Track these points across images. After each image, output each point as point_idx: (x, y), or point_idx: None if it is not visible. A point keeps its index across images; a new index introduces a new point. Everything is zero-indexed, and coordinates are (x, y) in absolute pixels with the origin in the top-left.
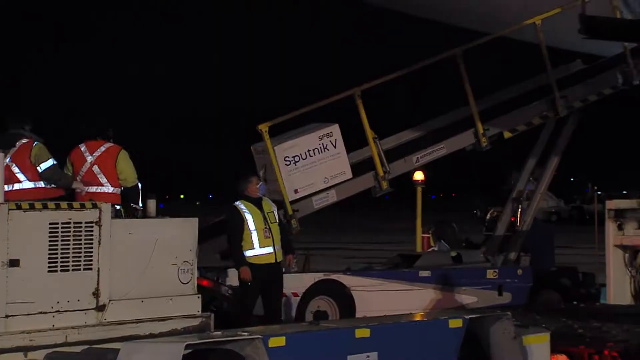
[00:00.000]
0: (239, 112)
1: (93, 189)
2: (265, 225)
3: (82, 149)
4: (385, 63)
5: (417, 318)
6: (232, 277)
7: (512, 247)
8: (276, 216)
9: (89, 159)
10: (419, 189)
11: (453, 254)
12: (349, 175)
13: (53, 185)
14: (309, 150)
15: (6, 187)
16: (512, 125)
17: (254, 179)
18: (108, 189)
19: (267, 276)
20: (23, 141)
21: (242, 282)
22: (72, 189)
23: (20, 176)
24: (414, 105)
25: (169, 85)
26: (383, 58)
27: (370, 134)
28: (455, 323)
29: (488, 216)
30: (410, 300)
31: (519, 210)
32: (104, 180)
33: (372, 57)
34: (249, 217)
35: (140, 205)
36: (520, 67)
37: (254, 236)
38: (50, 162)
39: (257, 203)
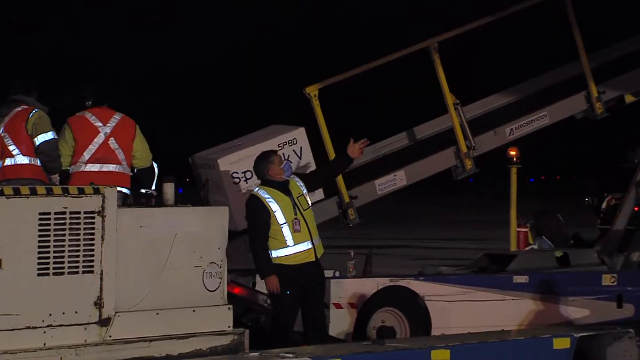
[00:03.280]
0: (273, 86)
1: (111, 167)
2: (295, 215)
3: (91, 118)
4: (465, 11)
5: (511, 336)
6: None
7: (635, 245)
8: (308, 200)
9: (103, 130)
10: (514, 170)
11: (558, 253)
12: (320, 195)
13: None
14: None
15: None
16: (635, 86)
17: (275, 157)
18: (126, 169)
19: (306, 279)
20: (20, 108)
21: (273, 293)
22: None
23: (13, 149)
24: (503, 63)
25: (203, 58)
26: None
27: (450, 98)
28: (562, 343)
29: (604, 205)
30: (502, 313)
31: None
32: (121, 157)
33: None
34: (276, 208)
35: (155, 190)
36: None
37: (286, 231)
38: (51, 134)
39: (283, 188)
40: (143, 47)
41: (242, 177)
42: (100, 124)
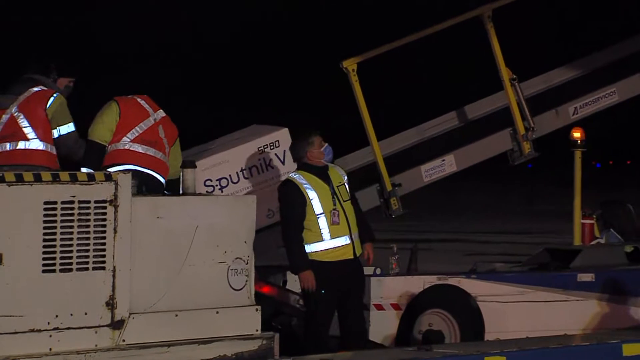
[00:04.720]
0: (307, 62)
1: (159, 155)
2: (334, 205)
3: (141, 101)
4: None
5: (575, 342)
6: None
7: None
8: (348, 190)
9: (153, 115)
10: (578, 154)
11: (628, 248)
12: None
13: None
14: (242, 170)
15: (7, 146)
16: None
17: (316, 139)
18: (167, 161)
19: (344, 278)
20: (37, 88)
21: (307, 291)
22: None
23: (29, 132)
24: (565, 34)
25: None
26: None
27: (506, 73)
28: (632, 349)
29: None
30: (565, 315)
31: None
32: (167, 148)
33: None
34: (313, 196)
35: None
36: None
37: (322, 222)
38: (73, 126)
39: (322, 174)
40: (146, 32)
41: (216, 185)
42: (151, 110)
